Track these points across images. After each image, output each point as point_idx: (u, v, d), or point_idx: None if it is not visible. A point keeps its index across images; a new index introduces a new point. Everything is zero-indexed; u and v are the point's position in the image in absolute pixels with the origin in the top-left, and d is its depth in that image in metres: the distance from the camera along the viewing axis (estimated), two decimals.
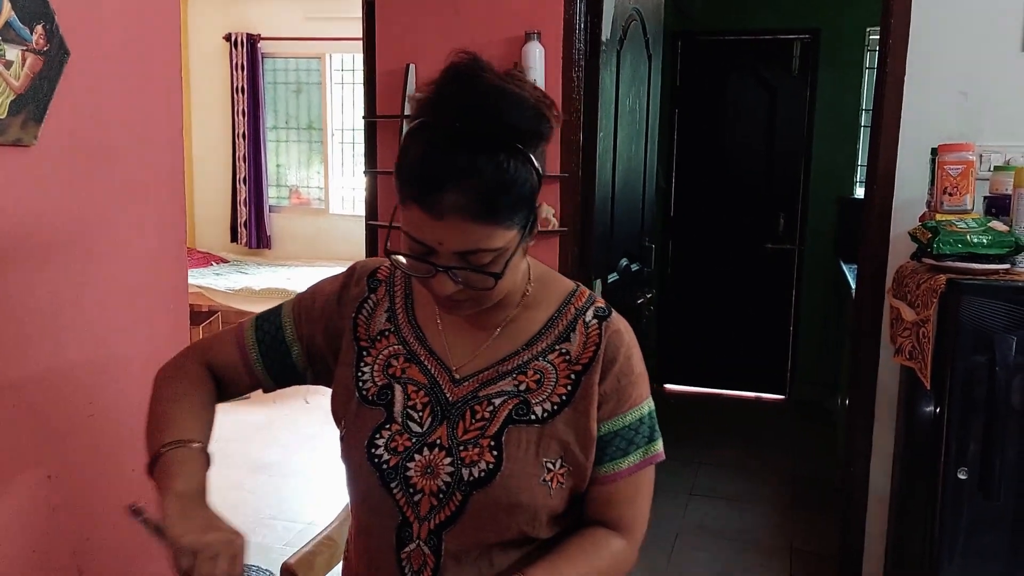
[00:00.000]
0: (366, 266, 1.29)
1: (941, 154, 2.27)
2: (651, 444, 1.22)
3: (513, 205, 1.03)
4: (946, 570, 2.05)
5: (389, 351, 1.21)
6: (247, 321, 1.30)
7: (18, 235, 1.55)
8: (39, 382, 1.63)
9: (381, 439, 1.16)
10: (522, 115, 1.02)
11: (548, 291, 1.23)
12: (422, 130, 1.04)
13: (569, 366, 1.17)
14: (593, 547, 1.18)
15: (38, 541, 1.66)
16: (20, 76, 1.43)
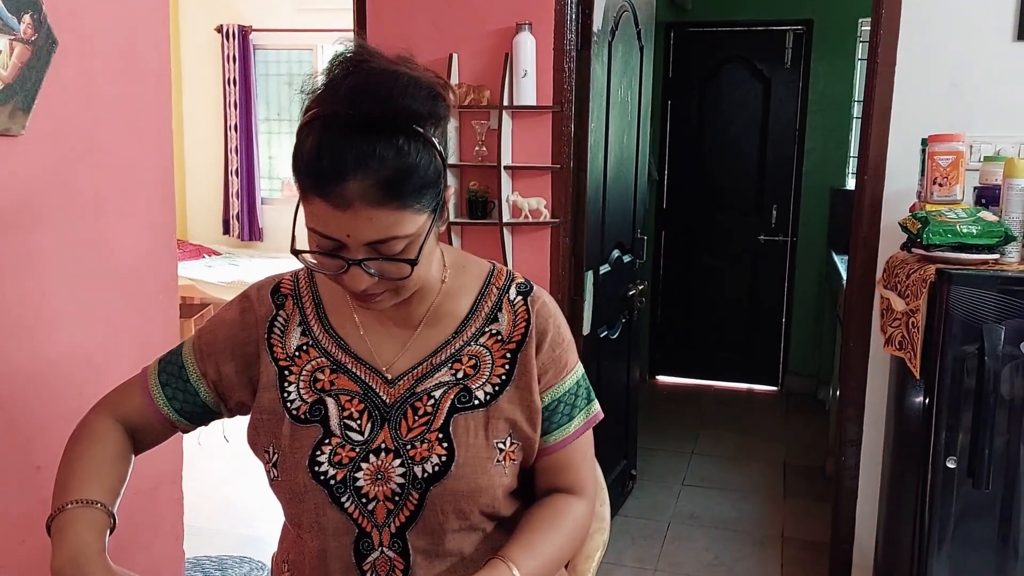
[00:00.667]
0: (264, 285, 1.24)
1: (931, 145, 2.27)
2: (590, 405, 1.25)
3: (419, 188, 1.01)
4: (935, 557, 2.06)
5: (312, 366, 1.17)
6: (151, 365, 1.25)
7: (6, 226, 1.55)
8: (27, 373, 1.63)
9: (323, 455, 1.12)
10: (416, 96, 1.00)
11: (466, 275, 1.22)
12: (315, 120, 1.01)
13: (503, 346, 1.18)
14: (558, 515, 1.20)
15: (28, 533, 1.65)
16: (8, 66, 1.42)
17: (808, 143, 5.22)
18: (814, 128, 5.19)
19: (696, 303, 5.63)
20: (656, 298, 5.64)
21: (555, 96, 2.89)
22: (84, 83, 1.67)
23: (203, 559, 3.12)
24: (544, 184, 2.93)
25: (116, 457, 1.18)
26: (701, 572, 3.16)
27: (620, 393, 3.64)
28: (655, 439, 4.47)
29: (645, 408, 4.35)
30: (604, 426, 1.29)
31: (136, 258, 1.88)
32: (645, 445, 4.20)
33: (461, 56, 2.90)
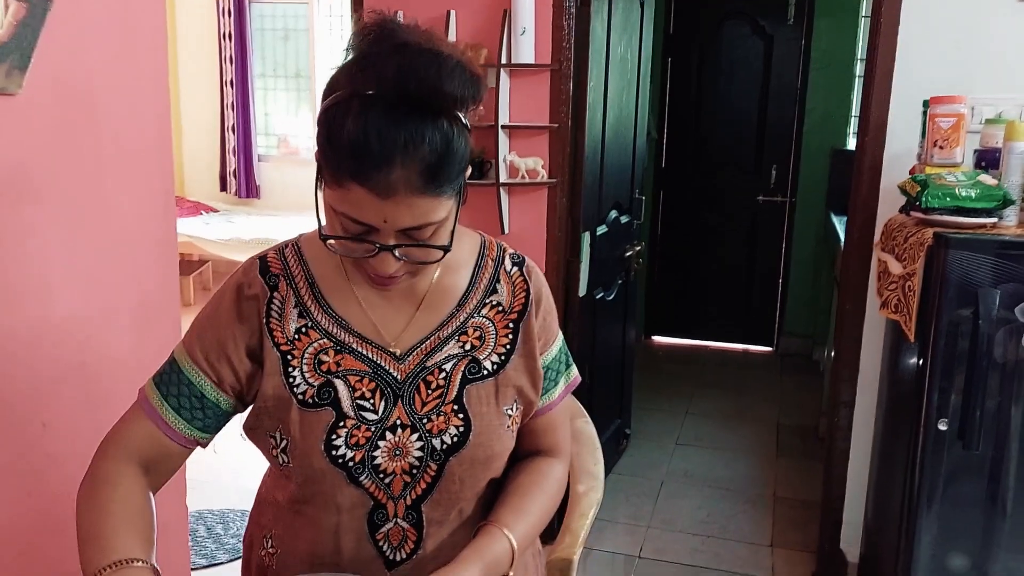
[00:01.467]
0: (249, 269, 1.17)
1: (932, 106, 2.26)
2: (569, 370, 1.29)
3: (457, 174, 1.00)
4: (924, 517, 2.09)
5: (314, 348, 1.13)
6: (146, 389, 1.15)
7: (5, 185, 1.54)
8: (30, 332, 1.64)
9: (339, 438, 1.10)
10: (461, 80, 0.97)
11: (461, 248, 1.20)
12: (352, 100, 0.96)
13: (504, 316, 1.20)
14: (543, 478, 1.25)
15: (34, 487, 1.68)
16: (3, 24, 1.41)
17: (809, 102, 5.18)
18: (816, 87, 5.15)
19: (693, 263, 5.63)
20: (653, 258, 5.64)
21: (554, 54, 2.86)
22: (80, 40, 1.66)
23: (205, 513, 3.16)
24: (542, 144, 2.92)
25: (142, 504, 1.10)
26: (694, 529, 3.21)
27: (615, 353, 3.66)
28: (650, 399, 4.51)
29: (640, 368, 4.38)
30: (599, 385, 1.33)
31: (135, 216, 1.87)
32: (640, 404, 4.23)
33: (459, 13, 2.87)
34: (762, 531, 3.21)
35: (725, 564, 2.97)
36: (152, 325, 1.95)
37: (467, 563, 1.08)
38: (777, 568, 2.95)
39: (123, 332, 1.87)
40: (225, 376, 1.14)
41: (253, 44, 7.22)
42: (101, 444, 1.15)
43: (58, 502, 1.74)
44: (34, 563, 1.69)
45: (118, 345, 1.85)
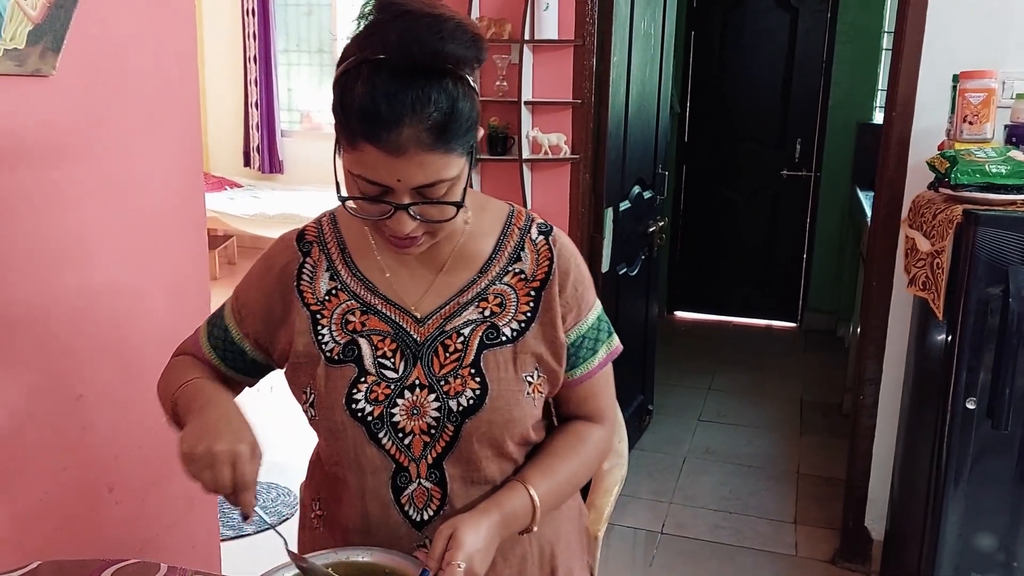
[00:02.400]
0: (287, 237, 1.27)
1: (962, 81, 2.23)
2: (610, 338, 1.29)
3: (464, 132, 1.03)
4: (951, 495, 2.09)
5: (342, 308, 1.20)
6: (202, 327, 1.32)
7: (41, 164, 1.56)
8: (66, 307, 1.66)
9: (359, 393, 1.16)
10: (462, 40, 1.01)
11: (486, 215, 1.24)
12: (362, 66, 1.00)
13: (526, 284, 1.21)
14: (578, 440, 1.26)
15: (69, 459, 1.71)
16: (37, 6, 1.42)
17: (835, 75, 5.11)
18: (842, 60, 5.08)
19: (716, 238, 5.61)
20: (675, 233, 5.62)
21: (577, 29, 2.84)
22: (110, 21, 1.67)
23: None
24: (564, 120, 2.91)
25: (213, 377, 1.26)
26: (716, 506, 3.22)
27: (638, 329, 3.66)
28: (672, 374, 4.51)
29: (663, 344, 4.38)
30: (622, 361, 1.34)
31: (166, 192, 1.90)
32: (662, 380, 4.24)
33: None
34: (785, 508, 3.21)
35: (747, 540, 2.99)
36: (183, 298, 1.98)
37: (485, 513, 1.11)
38: (800, 545, 2.96)
39: (156, 305, 1.90)
40: (248, 329, 1.27)
41: (276, 20, 7.22)
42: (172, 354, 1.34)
43: (94, 473, 1.78)
44: (71, 534, 1.73)
45: (151, 318, 1.88)
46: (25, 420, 1.61)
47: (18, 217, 1.53)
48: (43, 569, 1.34)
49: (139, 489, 1.89)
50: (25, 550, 1.62)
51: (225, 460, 1.03)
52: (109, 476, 1.81)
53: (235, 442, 1.05)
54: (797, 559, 2.89)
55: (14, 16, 1.39)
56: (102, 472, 1.79)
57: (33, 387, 1.62)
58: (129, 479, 1.86)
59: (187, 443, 1.05)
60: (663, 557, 2.90)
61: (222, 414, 1.11)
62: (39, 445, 1.64)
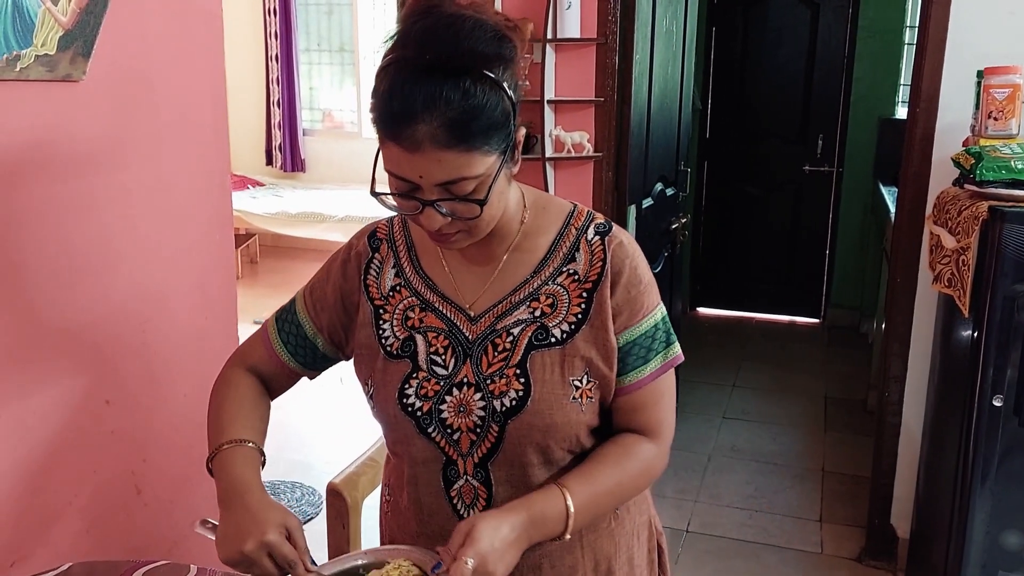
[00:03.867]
0: (363, 232, 1.32)
1: (987, 77, 2.22)
2: (669, 348, 1.24)
3: (486, 130, 1.02)
4: (978, 493, 2.08)
5: (404, 304, 1.24)
6: (269, 322, 1.34)
7: (70, 169, 1.59)
8: (93, 312, 1.69)
9: (410, 388, 1.19)
10: (481, 38, 1.02)
11: (546, 215, 1.24)
12: (390, 65, 1.03)
13: (579, 285, 1.19)
14: (624, 452, 1.21)
15: (98, 463, 1.74)
16: (68, 12, 1.44)
17: (857, 71, 5.08)
18: (863, 55, 5.05)
19: (739, 234, 5.58)
20: (698, 229, 5.60)
21: (599, 28, 2.85)
22: (139, 25, 1.69)
23: None
24: (587, 118, 2.91)
25: (255, 400, 1.31)
26: (741, 504, 3.22)
27: None
28: (696, 371, 4.50)
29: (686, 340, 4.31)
30: None
31: (193, 196, 1.91)
32: (686, 377, 4.23)
33: None
34: (810, 506, 3.21)
35: (773, 539, 2.98)
36: (209, 302, 2.00)
37: (510, 512, 1.09)
38: (826, 543, 2.96)
39: (182, 309, 1.92)
40: (324, 323, 1.30)
41: (297, 19, 7.26)
42: (232, 355, 1.36)
43: (123, 476, 1.80)
44: (101, 535, 1.76)
45: (177, 322, 1.90)
46: (55, 425, 1.63)
47: (47, 222, 1.56)
48: (75, 570, 1.36)
49: (167, 491, 1.92)
50: (57, 551, 1.65)
51: (261, 553, 1.07)
52: (137, 479, 1.83)
53: (262, 535, 1.08)
54: (823, 557, 2.88)
55: (45, 22, 1.41)
56: (130, 475, 1.82)
57: (62, 393, 1.64)
58: (157, 481, 1.88)
59: (223, 552, 1.10)
60: (689, 555, 2.90)
61: (246, 508, 1.13)
62: (69, 449, 1.66)
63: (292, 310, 1.33)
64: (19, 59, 1.39)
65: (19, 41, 1.38)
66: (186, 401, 1.93)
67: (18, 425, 1.55)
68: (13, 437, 1.55)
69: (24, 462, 1.57)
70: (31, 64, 1.41)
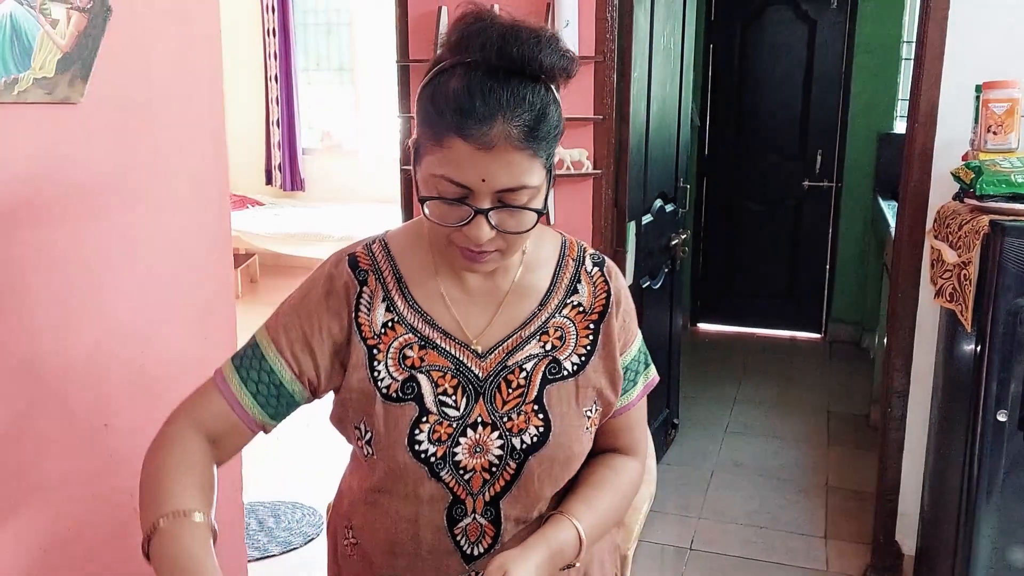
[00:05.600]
0: (339, 262, 1.18)
1: (986, 91, 2.22)
2: (648, 369, 1.30)
3: (551, 138, 1.04)
4: (984, 508, 2.06)
5: (400, 342, 1.15)
6: (225, 371, 1.16)
7: (69, 191, 1.58)
8: (91, 333, 1.68)
9: (421, 433, 1.12)
10: (557, 51, 1.03)
11: (543, 246, 1.23)
12: (456, 67, 1.03)
13: (585, 317, 1.21)
14: (615, 473, 1.26)
15: (97, 487, 1.72)
16: (66, 35, 1.45)
17: (855, 86, 5.10)
18: (861, 71, 5.06)
19: (739, 250, 5.59)
20: (698, 245, 5.60)
21: (597, 46, 2.85)
22: (138, 49, 1.69)
23: (257, 505, 3.22)
24: (586, 135, 2.91)
25: (204, 464, 1.11)
26: (745, 520, 3.20)
27: (663, 342, 3.65)
28: (698, 387, 4.49)
29: (687, 356, 4.36)
30: None
31: (192, 218, 1.91)
32: (688, 393, 4.22)
33: (502, 6, 2.84)
34: (815, 522, 3.18)
35: (777, 556, 2.96)
36: (209, 324, 1.99)
37: (534, 549, 1.09)
38: (831, 560, 2.93)
39: (181, 331, 1.91)
40: (306, 369, 1.15)
41: (296, 39, 7.29)
42: (171, 414, 1.16)
43: (122, 502, 1.79)
44: (101, 561, 1.74)
45: (177, 344, 1.89)
46: (53, 449, 1.62)
47: (46, 243, 1.55)
48: None
49: None
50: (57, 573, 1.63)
51: None
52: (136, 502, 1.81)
53: None
54: (828, 574, 2.86)
55: (43, 45, 1.42)
56: (130, 498, 1.79)
57: (60, 417, 1.63)
58: None
59: None
60: (692, 573, 2.88)
61: None
62: (67, 474, 1.65)
63: (259, 356, 1.15)
64: (17, 82, 1.39)
65: (17, 64, 1.38)
66: None
67: (16, 448, 1.54)
68: (12, 460, 1.53)
69: (24, 485, 1.56)
70: (29, 87, 1.41)
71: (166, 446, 1.11)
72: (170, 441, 1.12)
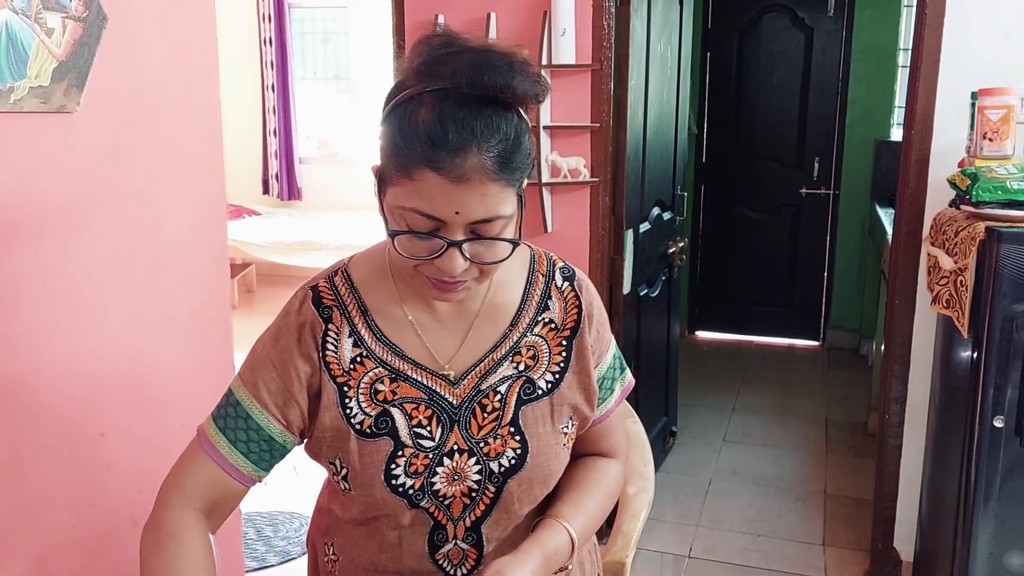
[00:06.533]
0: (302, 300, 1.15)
1: (981, 98, 2.23)
2: (623, 375, 1.30)
3: (523, 167, 1.01)
4: (981, 515, 2.06)
5: (369, 377, 1.12)
6: (206, 434, 1.13)
7: (64, 200, 1.58)
8: (87, 343, 1.67)
9: (398, 468, 1.11)
10: (529, 76, 0.99)
11: (512, 264, 1.16)
12: (424, 95, 0.98)
13: (557, 334, 1.20)
14: (600, 476, 1.27)
15: (94, 496, 1.72)
16: (62, 43, 1.45)
17: (852, 94, 5.10)
18: (858, 78, 5.08)
19: (736, 258, 5.58)
20: (695, 253, 5.60)
21: (594, 54, 2.86)
22: (133, 58, 1.69)
23: (254, 515, 3.21)
24: (583, 143, 2.92)
25: (207, 559, 1.09)
26: (743, 528, 3.19)
27: (660, 350, 3.65)
28: (695, 395, 4.48)
29: (685, 364, 4.36)
30: (645, 383, 1.35)
31: (188, 228, 1.91)
32: (685, 401, 4.21)
33: (499, 14, 2.88)
34: (813, 529, 3.18)
35: (776, 563, 2.95)
36: (205, 334, 1.99)
37: (528, 554, 1.09)
38: (829, 567, 2.93)
39: (177, 341, 1.90)
40: (293, 420, 1.13)
41: (293, 48, 7.30)
42: (162, 491, 1.13)
43: (119, 509, 1.78)
44: (97, 570, 1.73)
45: (173, 354, 1.89)
46: (50, 458, 1.61)
47: (42, 252, 1.55)
48: None
49: None
50: None
51: None
52: (133, 511, 1.81)
53: None
54: None
55: (39, 54, 1.42)
56: (126, 507, 1.80)
57: (57, 425, 1.62)
58: None
59: None
60: None
61: None
62: (64, 482, 1.65)
63: (242, 414, 1.12)
64: (13, 91, 1.39)
65: (13, 73, 1.38)
66: (182, 433, 1.90)
67: (14, 457, 1.54)
68: (9, 470, 1.53)
69: (20, 495, 1.55)
70: (25, 96, 1.41)
71: (167, 541, 1.08)
72: (170, 534, 1.08)
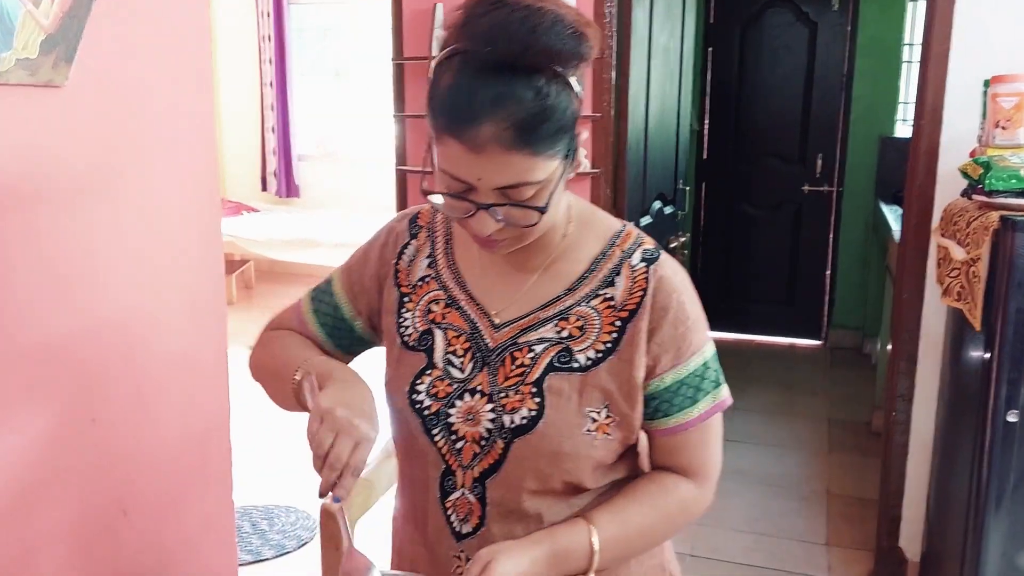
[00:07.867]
0: (405, 215, 1.27)
1: (994, 85, 2.18)
2: (717, 389, 1.16)
3: (555, 133, 0.96)
4: (993, 514, 2.01)
5: (429, 297, 1.18)
6: (303, 299, 1.29)
7: (51, 177, 1.53)
8: (77, 328, 1.63)
9: (422, 384, 1.14)
10: (559, 35, 0.94)
11: (591, 231, 1.16)
12: (453, 58, 0.97)
13: (614, 312, 1.11)
14: (660, 490, 1.15)
15: (84, 483, 1.67)
16: (50, 15, 1.40)
17: (856, 89, 5.05)
18: (862, 74, 5.02)
19: (738, 255, 5.54)
20: (697, 251, 5.55)
21: None
22: (124, 33, 1.65)
23: (251, 508, 3.16)
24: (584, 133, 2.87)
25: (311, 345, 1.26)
26: (747, 527, 3.14)
27: None
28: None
29: None
30: None
31: (181, 213, 1.86)
32: None
33: None
34: (817, 529, 3.13)
35: (780, 563, 2.90)
36: (199, 322, 1.94)
37: (532, 545, 1.05)
38: (833, 567, 2.88)
39: (171, 329, 1.86)
40: (362, 308, 1.26)
41: (292, 45, 7.25)
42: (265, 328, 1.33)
43: (109, 497, 1.74)
44: (87, 558, 1.69)
45: (166, 342, 1.85)
46: (39, 445, 1.56)
47: (29, 231, 1.50)
48: None
49: (154, 513, 1.85)
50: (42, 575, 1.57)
51: (354, 436, 1.01)
52: (124, 500, 1.76)
53: (370, 428, 1.02)
54: None
55: (26, 25, 1.37)
56: (117, 496, 1.75)
57: (47, 412, 1.58)
58: (144, 503, 1.82)
59: (329, 400, 1.04)
60: None
61: (367, 398, 1.07)
62: (54, 469, 1.60)
63: (329, 290, 1.28)
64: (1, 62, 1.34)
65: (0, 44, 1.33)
66: (174, 421, 1.87)
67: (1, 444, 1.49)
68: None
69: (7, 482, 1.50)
70: (12, 68, 1.36)
71: (271, 340, 1.28)
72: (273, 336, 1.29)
